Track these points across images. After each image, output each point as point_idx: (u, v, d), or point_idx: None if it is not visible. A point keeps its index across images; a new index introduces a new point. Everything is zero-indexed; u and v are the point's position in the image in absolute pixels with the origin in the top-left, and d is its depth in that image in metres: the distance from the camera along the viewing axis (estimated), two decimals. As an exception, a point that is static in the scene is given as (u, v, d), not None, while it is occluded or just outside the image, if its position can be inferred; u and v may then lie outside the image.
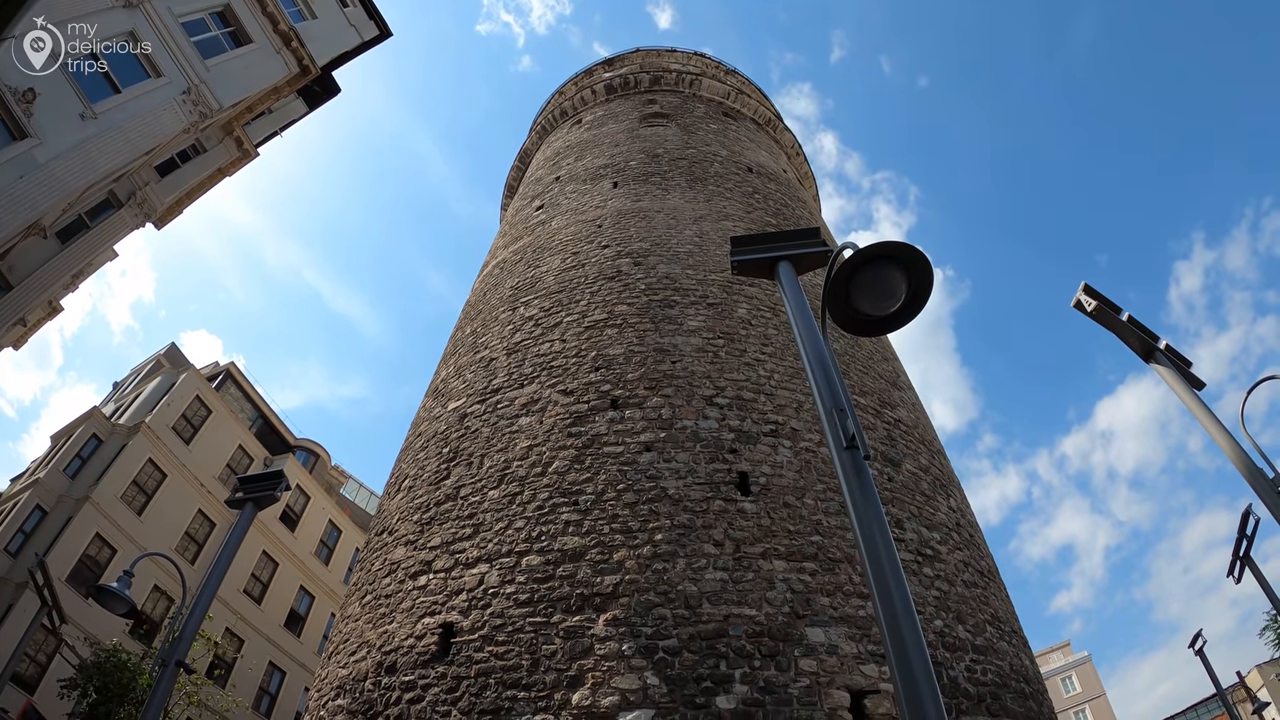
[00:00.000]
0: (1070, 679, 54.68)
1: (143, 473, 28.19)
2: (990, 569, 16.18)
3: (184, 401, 30.53)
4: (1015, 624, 15.95)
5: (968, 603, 13.93)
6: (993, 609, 14.78)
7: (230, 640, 26.99)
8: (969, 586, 14.32)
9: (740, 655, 10.56)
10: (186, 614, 9.01)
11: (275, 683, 29.83)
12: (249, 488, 9.58)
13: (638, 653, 10.38)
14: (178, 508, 28.60)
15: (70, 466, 27.43)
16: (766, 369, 14.44)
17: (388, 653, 12.34)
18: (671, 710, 10.06)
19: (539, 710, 10.30)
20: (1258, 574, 15.73)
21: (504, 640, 11.03)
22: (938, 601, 13.02)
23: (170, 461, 28.97)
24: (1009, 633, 15.03)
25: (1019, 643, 15.36)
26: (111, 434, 28.70)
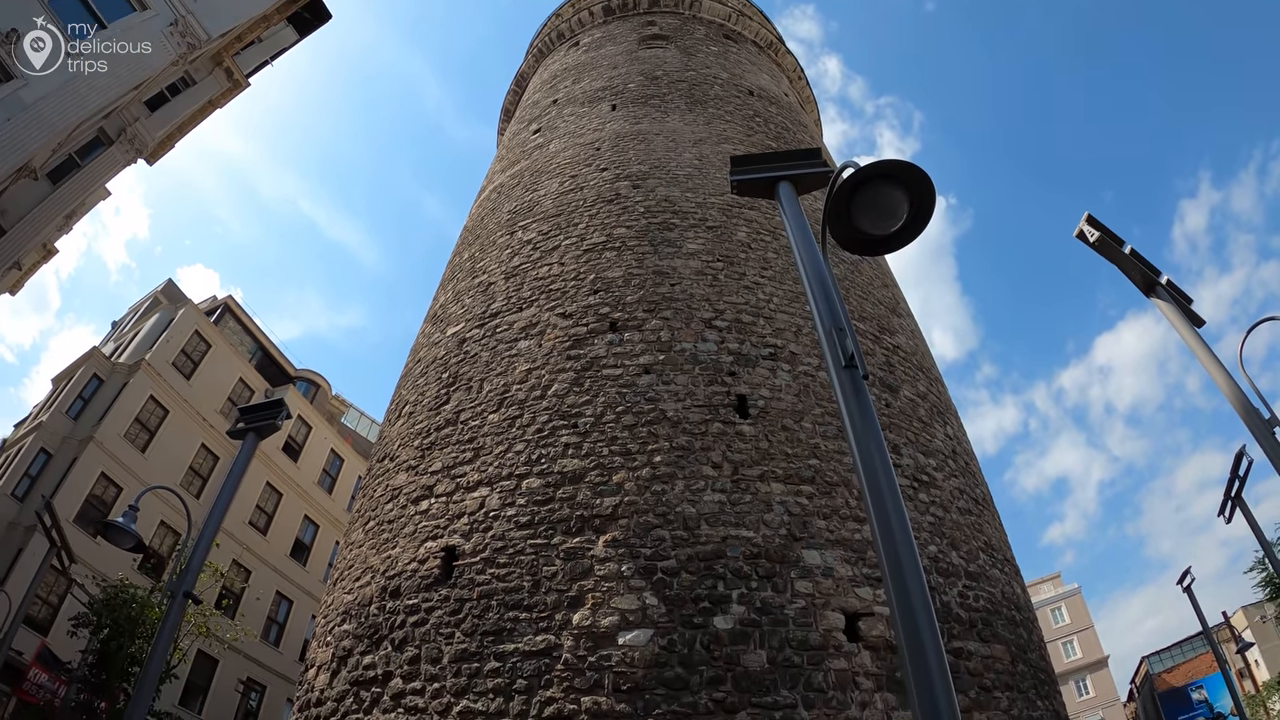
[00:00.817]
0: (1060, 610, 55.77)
1: (145, 410, 28.25)
2: (985, 497, 16.34)
3: (183, 337, 30.43)
4: (1008, 552, 16.16)
5: (962, 529, 14.08)
6: (986, 536, 14.96)
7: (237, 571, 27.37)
8: (963, 513, 14.46)
9: (737, 576, 10.70)
10: (193, 546, 9.08)
11: (283, 612, 30.39)
12: (250, 418, 9.57)
13: (637, 573, 10.52)
14: (181, 443, 28.73)
15: (73, 408, 27.46)
16: (766, 292, 14.35)
17: (391, 577, 12.50)
18: (670, 630, 10.23)
19: (540, 631, 10.47)
20: (1248, 515, 15.89)
21: (505, 562, 11.17)
22: (932, 527, 13.16)
23: (171, 397, 28.99)
24: (1001, 560, 15.23)
25: (1011, 571, 15.59)
26: (112, 373, 28.65)
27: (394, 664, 11.52)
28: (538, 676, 10.18)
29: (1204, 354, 9.14)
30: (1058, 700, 14.84)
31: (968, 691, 11.49)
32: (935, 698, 3.58)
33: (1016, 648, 13.59)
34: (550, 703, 9.97)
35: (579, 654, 10.14)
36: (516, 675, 10.29)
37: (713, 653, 10.13)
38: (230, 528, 26.57)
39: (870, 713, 10.51)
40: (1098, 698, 53.63)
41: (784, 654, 10.37)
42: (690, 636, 10.20)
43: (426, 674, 11.02)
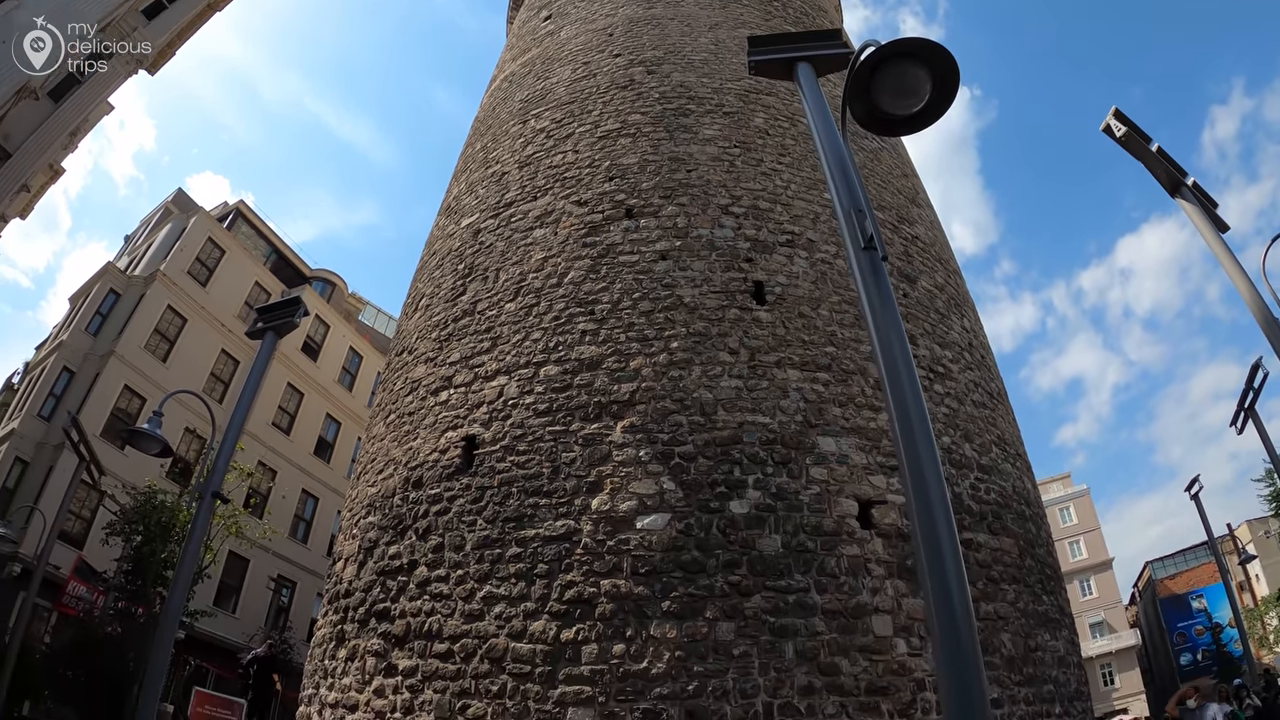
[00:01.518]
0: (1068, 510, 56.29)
1: (163, 320, 28.33)
2: (999, 391, 16.32)
3: (196, 245, 30.26)
4: (1020, 448, 16.23)
5: (975, 422, 14.11)
6: (999, 430, 15.00)
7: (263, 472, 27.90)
8: (978, 406, 14.47)
9: (753, 462, 10.80)
10: (218, 448, 9.20)
11: (309, 509, 31.11)
12: (268, 317, 9.56)
13: (654, 459, 10.63)
14: (201, 350, 28.91)
15: (92, 324, 27.54)
16: (783, 179, 14.07)
17: (413, 468, 12.70)
18: (687, 514, 10.39)
19: (560, 516, 10.67)
20: (1260, 428, 15.85)
21: (525, 450, 11.30)
22: (946, 419, 13.19)
23: (189, 305, 29.04)
24: (1014, 455, 15.30)
25: (1023, 466, 15.68)
26: (128, 286, 28.62)
27: (419, 553, 11.80)
28: (558, 561, 10.42)
29: (1226, 259, 8.96)
30: (1063, 596, 15.11)
31: (975, 583, 11.67)
32: (948, 586, 3.58)
33: (1025, 542, 13.77)
34: (570, 586, 10.23)
35: (598, 538, 10.34)
36: (537, 560, 10.53)
37: (729, 537, 10.31)
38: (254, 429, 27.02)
39: (880, 599, 10.74)
40: (1101, 599, 54.58)
41: (798, 539, 10.55)
42: (707, 521, 10.37)
43: (450, 561, 11.30)
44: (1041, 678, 12.48)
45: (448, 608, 11.00)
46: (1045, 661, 12.89)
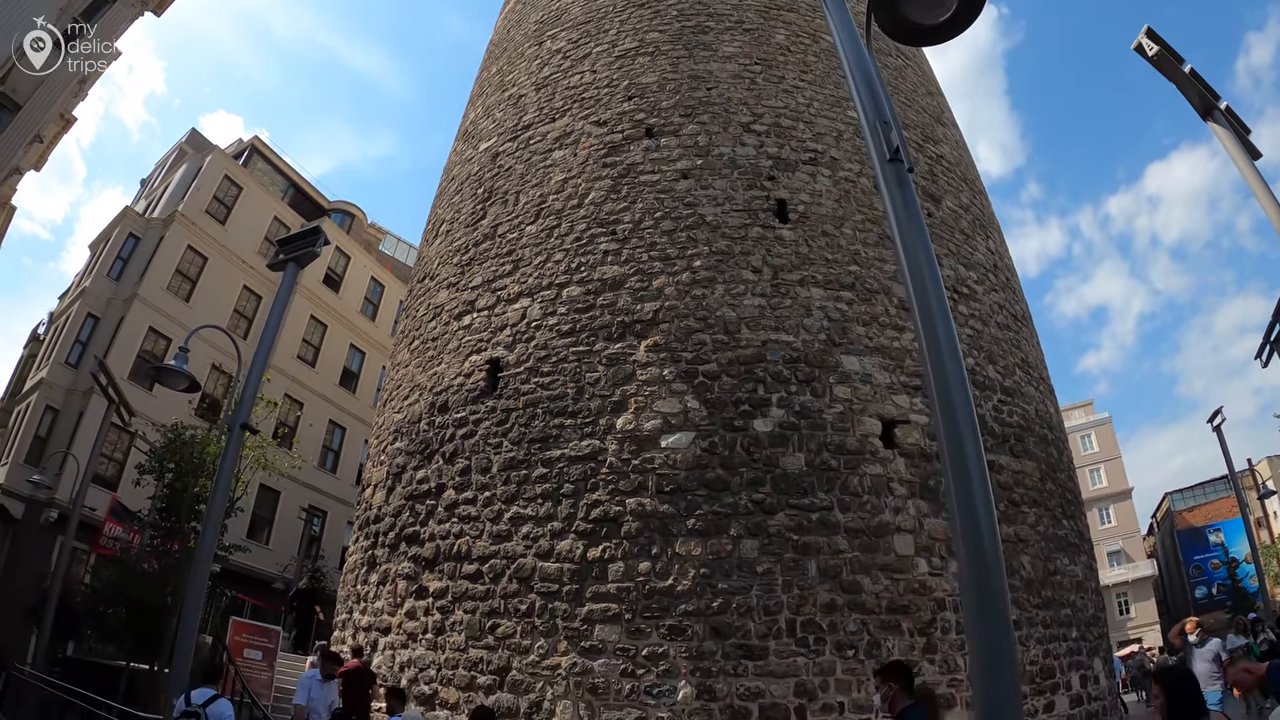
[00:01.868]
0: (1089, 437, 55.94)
1: (184, 260, 28.31)
2: (1024, 314, 16.14)
3: (213, 183, 30.10)
4: (1043, 371, 16.10)
5: (999, 344, 13.99)
6: (1023, 353, 14.87)
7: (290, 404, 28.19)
8: (1002, 329, 14.33)
9: (777, 380, 10.78)
10: (244, 380, 9.23)
11: (337, 439, 31.48)
12: (288, 248, 9.51)
13: (678, 377, 10.62)
14: (223, 288, 28.95)
15: (113, 269, 27.55)
16: (805, 96, 13.77)
17: (438, 393, 12.76)
18: (711, 432, 10.42)
19: (585, 436, 10.72)
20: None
21: (549, 371, 11.32)
22: (970, 340, 13.08)
23: (209, 244, 29.00)
24: (1037, 379, 15.19)
25: (1045, 390, 15.57)
26: (147, 229, 28.56)
27: (446, 476, 11.93)
28: (583, 480, 10.50)
29: (1258, 186, 8.71)
30: (1082, 522, 15.12)
31: (997, 505, 11.64)
32: (975, 508, 3.52)
33: (1047, 466, 13.75)
34: (596, 505, 10.32)
35: (623, 457, 10.40)
36: (563, 480, 10.62)
37: (752, 455, 10.34)
38: (279, 363, 27.19)
39: (903, 518, 10.79)
40: (1119, 527, 54.57)
41: (821, 457, 10.57)
42: (731, 439, 10.39)
43: (477, 483, 11.42)
44: (1059, 601, 12.57)
45: (476, 529, 11.16)
46: (1064, 586, 12.97)
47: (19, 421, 26.25)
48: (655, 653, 9.61)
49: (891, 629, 10.28)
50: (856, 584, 10.19)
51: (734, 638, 9.61)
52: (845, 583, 10.13)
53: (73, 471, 20.18)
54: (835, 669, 9.85)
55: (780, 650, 9.68)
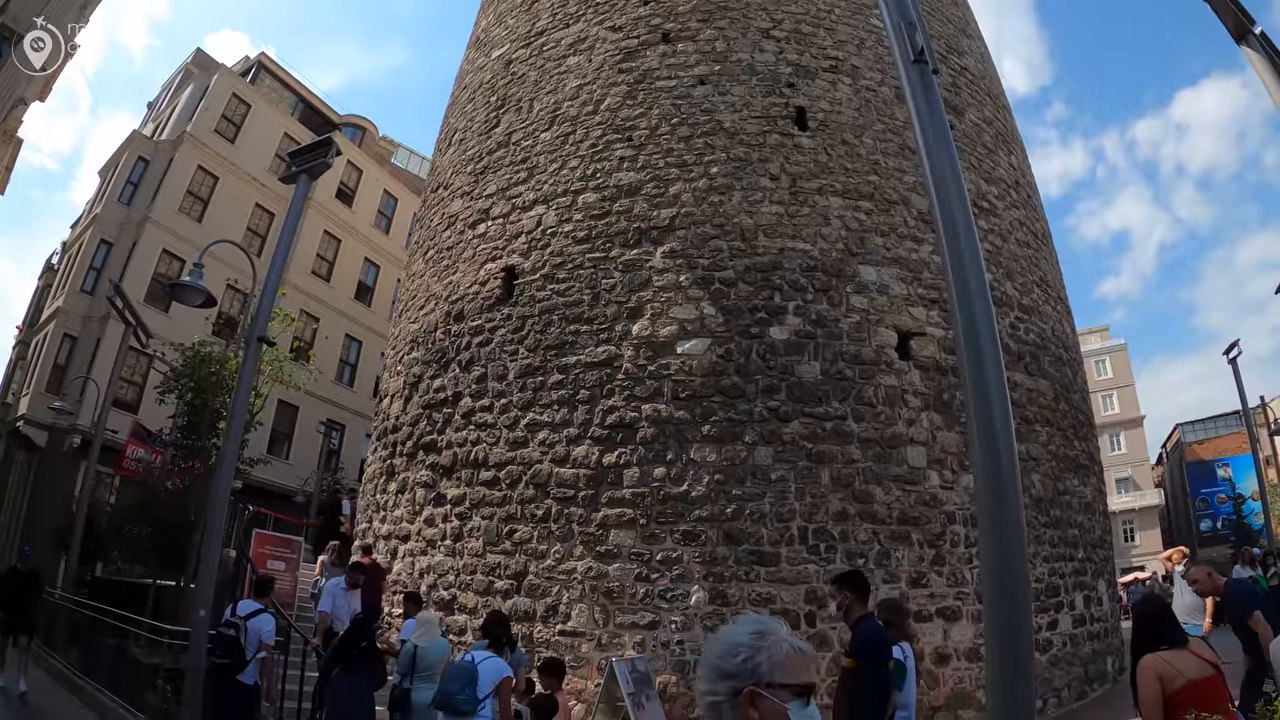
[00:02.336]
0: (1103, 363, 55.42)
1: (195, 181, 27.89)
2: (1044, 233, 15.93)
3: (221, 102, 29.48)
4: (1061, 291, 15.95)
5: (1018, 261, 13.84)
6: (1042, 272, 14.71)
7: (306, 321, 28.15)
8: (1021, 245, 14.16)
9: (794, 288, 10.72)
10: (260, 294, 9.21)
11: (353, 353, 31.44)
12: (300, 160, 9.34)
13: (695, 284, 10.58)
14: (235, 207, 28.60)
15: (124, 194, 27.13)
16: (827, 2, 13.39)
17: (454, 302, 12.76)
18: (727, 339, 10.41)
19: (601, 342, 10.73)
20: None
21: (564, 278, 11.28)
22: (989, 255, 12.92)
23: (219, 164, 28.60)
24: (1055, 299, 15.05)
25: (1063, 310, 15.44)
26: (156, 152, 28.12)
27: (462, 384, 12.00)
28: (599, 386, 10.54)
29: None
30: (1093, 444, 15.12)
31: (1011, 421, 11.67)
32: (993, 422, 3.47)
33: (1061, 386, 13.71)
34: (612, 411, 10.38)
35: (638, 363, 10.42)
36: (579, 386, 10.67)
37: (768, 363, 10.34)
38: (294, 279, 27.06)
39: (916, 430, 10.82)
40: (1129, 455, 54.42)
41: (837, 367, 10.56)
42: (746, 346, 10.38)
43: (494, 391, 11.49)
44: (1067, 521, 12.66)
45: (492, 436, 11.26)
46: (1072, 506, 13.05)
47: (38, 351, 26.40)
48: (669, 557, 9.76)
49: (901, 540, 10.39)
50: (868, 494, 10.28)
51: (746, 544, 9.74)
52: (857, 492, 10.22)
53: (93, 397, 20.30)
54: (845, 576, 9.99)
55: (792, 557, 9.82)
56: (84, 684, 11.70)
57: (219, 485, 8.34)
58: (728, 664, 1.70)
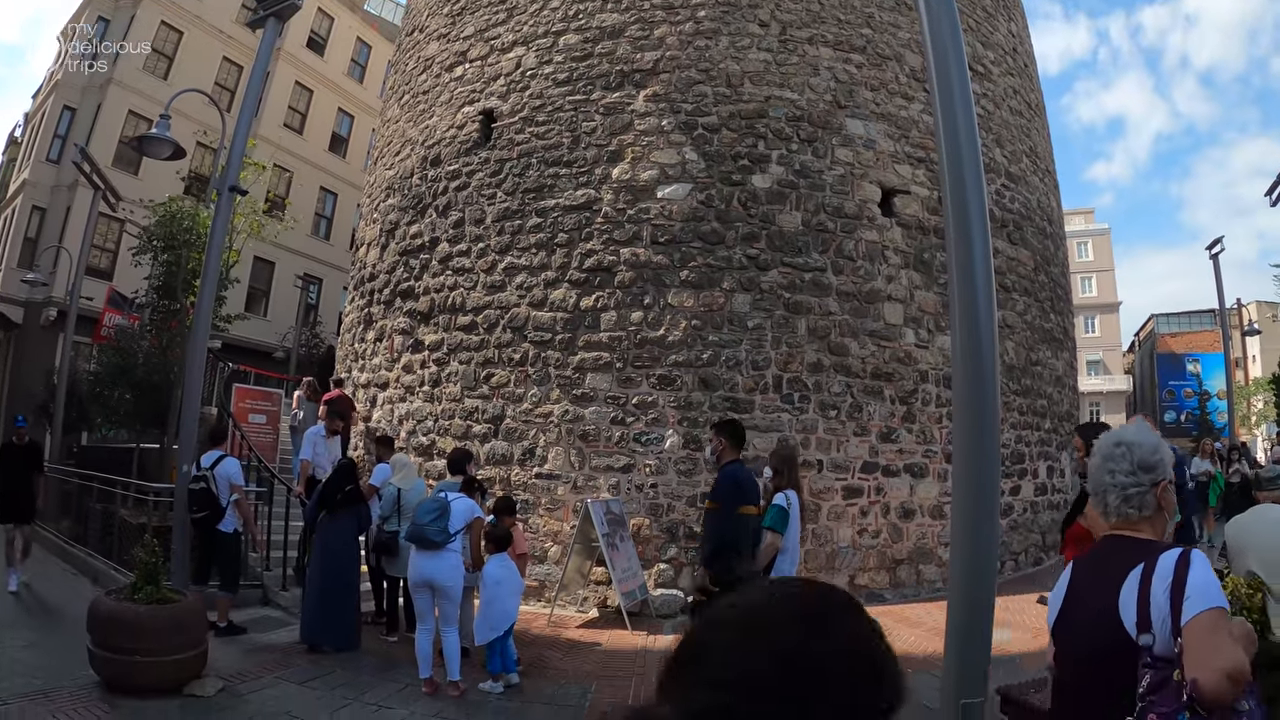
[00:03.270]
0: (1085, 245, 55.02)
1: (158, 37, 26.52)
2: (1038, 104, 15.65)
3: (183, -48, 28.09)
4: (1050, 165, 15.79)
5: (1009, 129, 13.64)
6: (1033, 142, 14.53)
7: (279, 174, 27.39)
8: (1014, 114, 13.93)
9: (778, 137, 10.55)
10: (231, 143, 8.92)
11: (329, 206, 30.79)
12: (267, 3, 8.87)
13: (677, 128, 10.38)
14: (202, 62, 27.29)
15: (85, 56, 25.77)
16: None
17: (430, 146, 12.48)
18: (708, 185, 10.28)
19: (580, 186, 10.57)
20: None
21: (544, 120, 11.02)
22: (981, 120, 12.64)
23: (183, 17, 27.16)
24: (1043, 171, 14.91)
25: (1050, 184, 15.31)
26: (116, 10, 26.49)
27: (439, 229, 11.86)
28: (578, 230, 10.45)
29: None
30: (1069, 319, 15.24)
31: (990, 288, 11.69)
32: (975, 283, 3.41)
33: (1042, 257, 13.73)
34: (590, 255, 10.32)
35: (618, 207, 10.31)
36: (557, 230, 10.57)
37: (749, 210, 10.26)
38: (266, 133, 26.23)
39: (894, 287, 10.85)
40: (1103, 339, 54.91)
41: (818, 219, 10.50)
42: (728, 193, 10.27)
43: (471, 235, 11.36)
44: (1037, 391, 12.87)
45: (470, 281, 11.21)
46: (1043, 377, 13.26)
47: (7, 227, 25.76)
48: (645, 401, 9.89)
49: (874, 394, 10.56)
50: (844, 347, 10.38)
51: (721, 390, 9.86)
52: (833, 344, 10.32)
53: (66, 268, 19.97)
54: (818, 427, 10.18)
55: (766, 405, 9.98)
56: (76, 551, 11.96)
57: (195, 341, 8.32)
58: (1151, 459, 2.13)
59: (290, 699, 5.73)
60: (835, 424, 10.23)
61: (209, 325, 9.00)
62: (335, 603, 7.45)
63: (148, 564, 5.93)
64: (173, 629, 5.62)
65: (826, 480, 10.12)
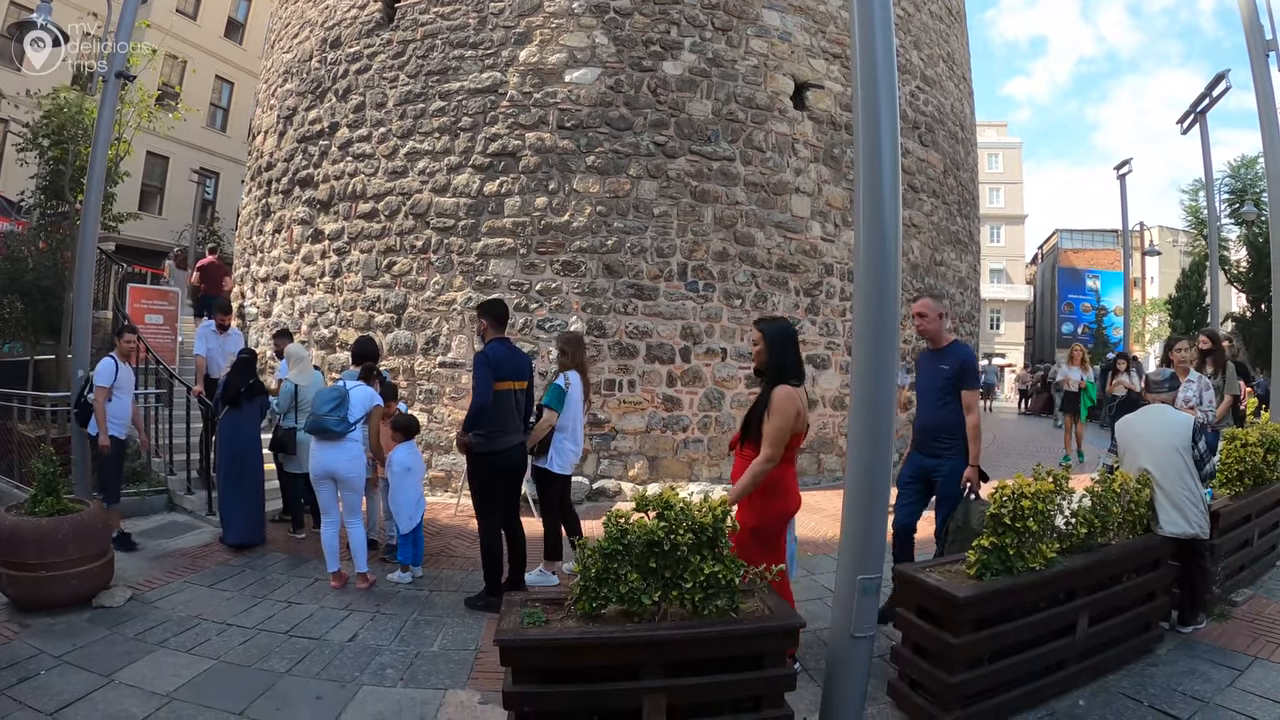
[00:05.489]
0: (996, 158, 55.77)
1: None
2: (959, 10, 15.65)
3: None
4: (967, 71, 15.87)
5: (928, 33, 13.62)
6: (950, 49, 14.54)
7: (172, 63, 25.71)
8: (934, 18, 13.90)
9: (693, 25, 10.33)
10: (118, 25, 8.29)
11: (225, 96, 28.93)
12: None
13: (588, 11, 10.06)
14: None
15: None
16: None
17: (330, 28, 11.89)
18: (618, 71, 10.05)
19: (486, 69, 10.22)
20: (1204, 134, 15.84)
21: (450, 0, 10.56)
22: (899, 22, 12.65)
23: None
24: (959, 78, 14.98)
25: (965, 90, 15.41)
26: None
27: (339, 114, 11.39)
28: (482, 114, 10.15)
29: None
30: (975, 224, 15.54)
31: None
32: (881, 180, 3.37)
33: (952, 162, 13.89)
34: (495, 139, 10.05)
35: (524, 90, 10.03)
36: (461, 114, 10.24)
37: (659, 97, 10.08)
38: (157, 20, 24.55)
39: (803, 180, 10.88)
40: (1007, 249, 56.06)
41: (729, 108, 10.40)
42: (638, 79, 10.07)
43: (372, 120, 10.95)
44: (940, 292, 13.16)
45: (371, 167, 10.84)
46: (947, 278, 13.56)
47: None
48: (548, 288, 9.80)
49: (779, 285, 10.66)
50: (750, 236, 10.41)
51: (626, 277, 9.83)
52: (739, 234, 10.34)
53: None
54: (722, 316, 10.26)
55: (670, 293, 9.99)
56: None
57: (85, 241, 7.87)
58: None
59: (200, 602, 5.62)
60: (739, 313, 10.33)
61: (98, 222, 8.51)
62: (240, 499, 7.32)
63: (46, 475, 5.66)
64: (77, 539, 5.39)
65: (730, 369, 10.26)
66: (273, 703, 4.02)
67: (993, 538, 3.86)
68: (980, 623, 3.69)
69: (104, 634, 4.93)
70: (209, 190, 27.18)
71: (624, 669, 3.10)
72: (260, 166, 13.15)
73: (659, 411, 9.92)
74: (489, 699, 4.04)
